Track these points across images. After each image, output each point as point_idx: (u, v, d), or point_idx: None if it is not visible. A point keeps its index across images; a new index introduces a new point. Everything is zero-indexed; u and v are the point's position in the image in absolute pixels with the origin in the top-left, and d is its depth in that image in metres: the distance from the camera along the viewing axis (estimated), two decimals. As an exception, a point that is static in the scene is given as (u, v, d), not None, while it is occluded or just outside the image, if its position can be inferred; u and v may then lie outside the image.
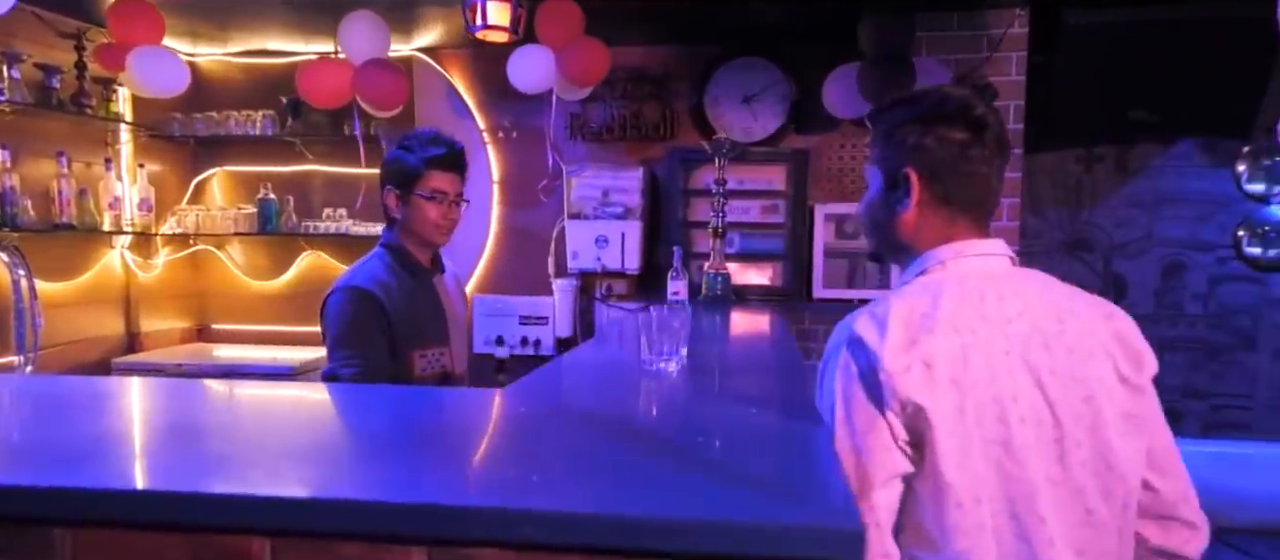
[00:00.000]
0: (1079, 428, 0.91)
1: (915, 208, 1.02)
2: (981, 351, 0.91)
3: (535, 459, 0.80)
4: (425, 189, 1.66)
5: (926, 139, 1.00)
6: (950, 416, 0.88)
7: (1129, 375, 0.93)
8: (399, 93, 2.90)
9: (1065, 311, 0.95)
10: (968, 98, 1.01)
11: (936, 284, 0.97)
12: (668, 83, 3.31)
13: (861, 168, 3.21)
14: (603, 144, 3.40)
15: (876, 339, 0.92)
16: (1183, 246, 2.97)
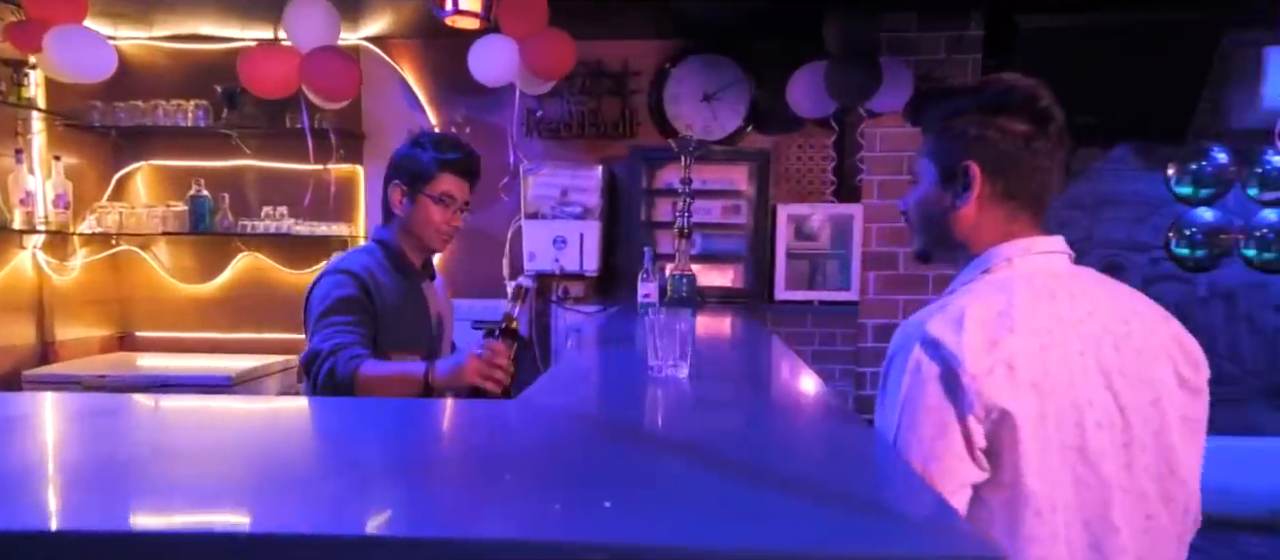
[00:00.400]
0: (1146, 431, 0.89)
1: (975, 202, 0.97)
2: (1059, 353, 0.88)
3: (592, 480, 0.73)
4: (435, 190, 1.59)
5: (989, 130, 0.95)
6: (1032, 421, 0.85)
7: (1189, 377, 0.91)
8: (350, 83, 2.75)
9: (1130, 312, 0.93)
10: (1034, 87, 0.95)
11: (1007, 282, 0.93)
12: (627, 79, 3.26)
13: (822, 168, 3.24)
14: (560, 141, 3.32)
15: (955, 339, 0.86)
16: (1120, 247, 3.11)
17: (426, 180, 1.59)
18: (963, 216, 0.98)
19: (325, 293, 1.52)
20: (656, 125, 3.28)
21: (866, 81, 2.55)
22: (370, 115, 3.40)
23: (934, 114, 1.02)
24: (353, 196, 3.44)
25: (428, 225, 1.62)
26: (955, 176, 0.98)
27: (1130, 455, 0.88)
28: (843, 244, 2.94)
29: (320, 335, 1.45)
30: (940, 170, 1.01)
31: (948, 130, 0.99)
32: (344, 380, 1.36)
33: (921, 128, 1.05)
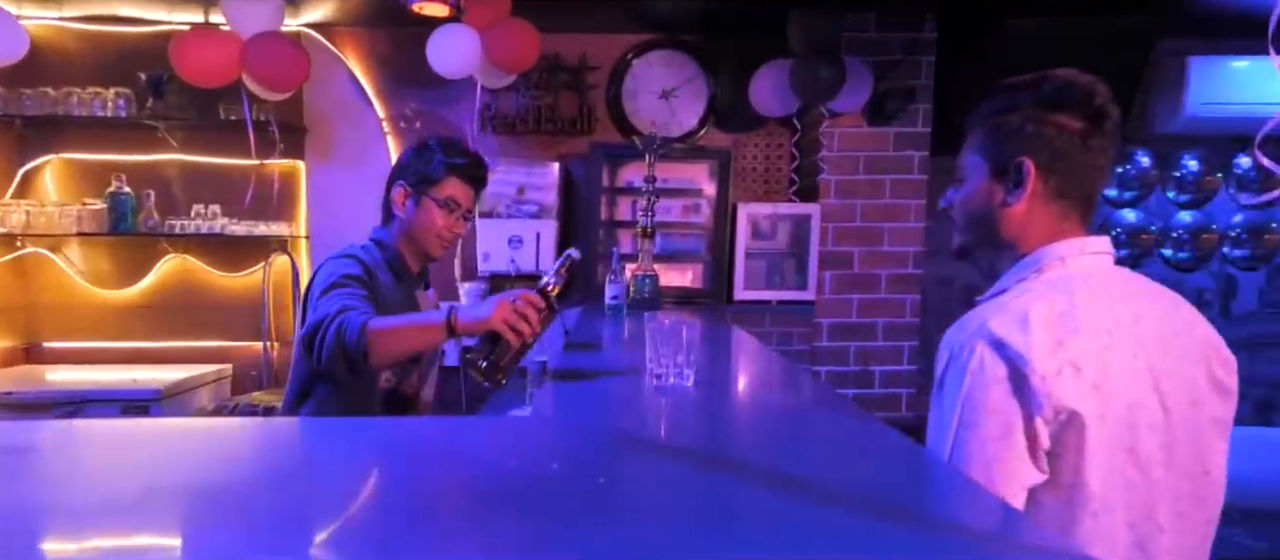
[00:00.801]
0: (1185, 432, 0.90)
1: (1027, 199, 0.96)
2: (1117, 354, 0.88)
3: (664, 508, 0.68)
4: (441, 194, 1.55)
5: (1046, 127, 0.94)
6: (1095, 422, 0.85)
7: (1222, 379, 0.93)
8: (298, 71, 2.60)
9: (1172, 313, 0.94)
10: (1092, 84, 0.94)
11: (1065, 282, 0.93)
12: (584, 73, 3.21)
13: (780, 167, 3.27)
14: (516, 137, 3.23)
15: (1022, 339, 0.85)
16: (1058, 245, 3.27)
17: (432, 183, 1.54)
18: (1013, 213, 0.97)
19: (330, 271, 1.44)
20: (614, 122, 3.24)
21: (833, 80, 2.58)
22: (312, 107, 3.22)
23: (985, 110, 1.01)
24: (294, 193, 3.26)
25: (429, 229, 1.57)
26: (1007, 172, 0.97)
27: (1171, 455, 0.89)
28: (800, 244, 2.98)
29: (324, 303, 1.34)
30: (992, 166, 0.99)
31: (1002, 126, 0.98)
32: (355, 337, 1.24)
33: (972, 124, 1.03)
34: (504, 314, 1.23)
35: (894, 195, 2.95)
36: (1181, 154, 3.22)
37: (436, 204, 1.55)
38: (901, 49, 2.87)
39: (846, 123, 2.92)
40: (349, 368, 1.26)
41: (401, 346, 1.30)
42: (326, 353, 1.27)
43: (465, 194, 1.59)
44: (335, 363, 1.26)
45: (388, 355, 1.28)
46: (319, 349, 1.28)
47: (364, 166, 3.24)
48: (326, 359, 1.27)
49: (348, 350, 1.25)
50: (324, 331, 1.28)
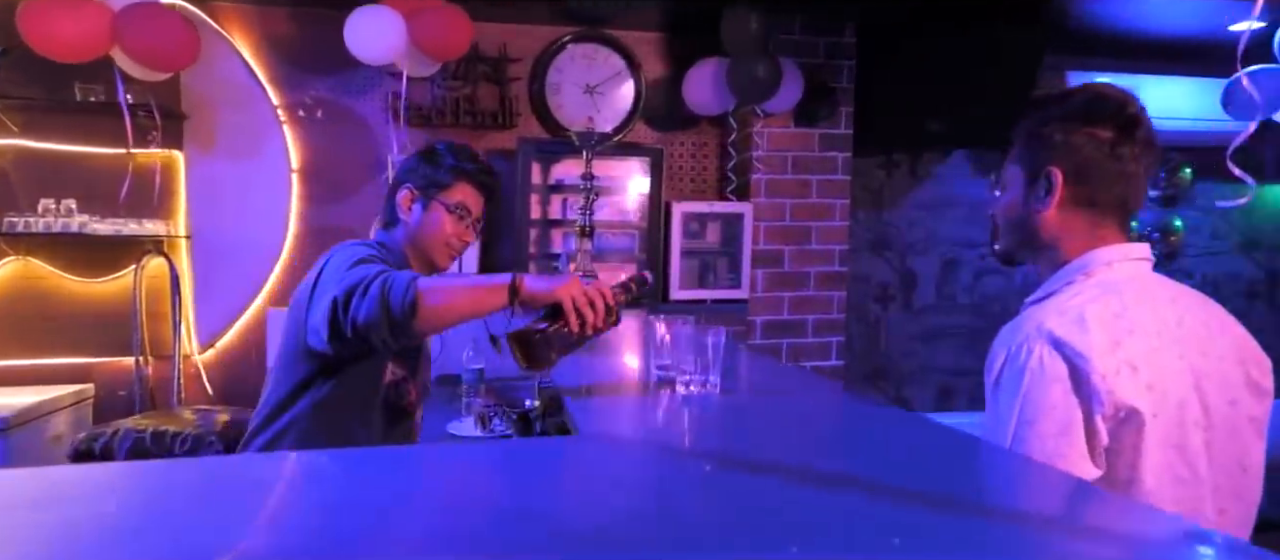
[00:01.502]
0: (1225, 430, 0.95)
1: (1057, 207, 1.00)
2: (1166, 355, 0.92)
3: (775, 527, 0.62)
4: (450, 199, 1.47)
5: (1074, 137, 0.98)
6: (1150, 420, 0.88)
7: (1259, 380, 0.98)
8: (186, 48, 2.28)
9: (1210, 316, 0.99)
10: (1121, 96, 0.99)
11: (1115, 285, 0.96)
12: (505, 65, 3.05)
13: (712, 165, 3.27)
14: (432, 130, 3.02)
15: (1081, 338, 0.88)
16: (956, 245, 3.50)
17: (442, 187, 1.46)
18: (1046, 220, 1.01)
19: (351, 252, 1.28)
20: (538, 116, 3.10)
21: (770, 79, 2.60)
22: (191, 91, 2.85)
23: (1025, 122, 1.05)
24: (172, 187, 2.86)
25: (437, 236, 1.46)
26: (1039, 180, 1.01)
27: (1212, 453, 0.94)
28: (732, 242, 2.99)
29: (355, 273, 1.17)
30: (1026, 174, 1.03)
31: (1035, 137, 1.02)
32: (402, 291, 1.10)
33: (1017, 133, 1.06)
34: (574, 291, 1.13)
35: (820, 195, 3.03)
36: (1058, 160, 3.55)
37: (446, 209, 1.46)
38: (825, 53, 2.95)
39: (774, 123, 2.96)
40: (390, 329, 1.10)
41: (454, 306, 1.15)
42: (366, 311, 1.10)
43: (476, 201, 1.51)
44: (375, 323, 1.10)
45: (437, 314, 1.13)
46: (355, 311, 1.12)
47: (257, 157, 2.91)
48: (364, 319, 1.11)
49: (392, 307, 1.10)
50: (365, 287, 1.12)
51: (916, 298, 3.47)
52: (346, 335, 1.13)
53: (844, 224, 3.06)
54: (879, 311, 3.42)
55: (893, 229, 3.43)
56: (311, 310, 1.21)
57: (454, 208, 1.46)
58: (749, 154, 2.97)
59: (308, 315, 1.23)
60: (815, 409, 1.16)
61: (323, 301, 1.16)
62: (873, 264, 3.41)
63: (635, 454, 0.83)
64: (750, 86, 2.61)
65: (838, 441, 0.96)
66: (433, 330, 1.19)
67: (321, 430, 1.34)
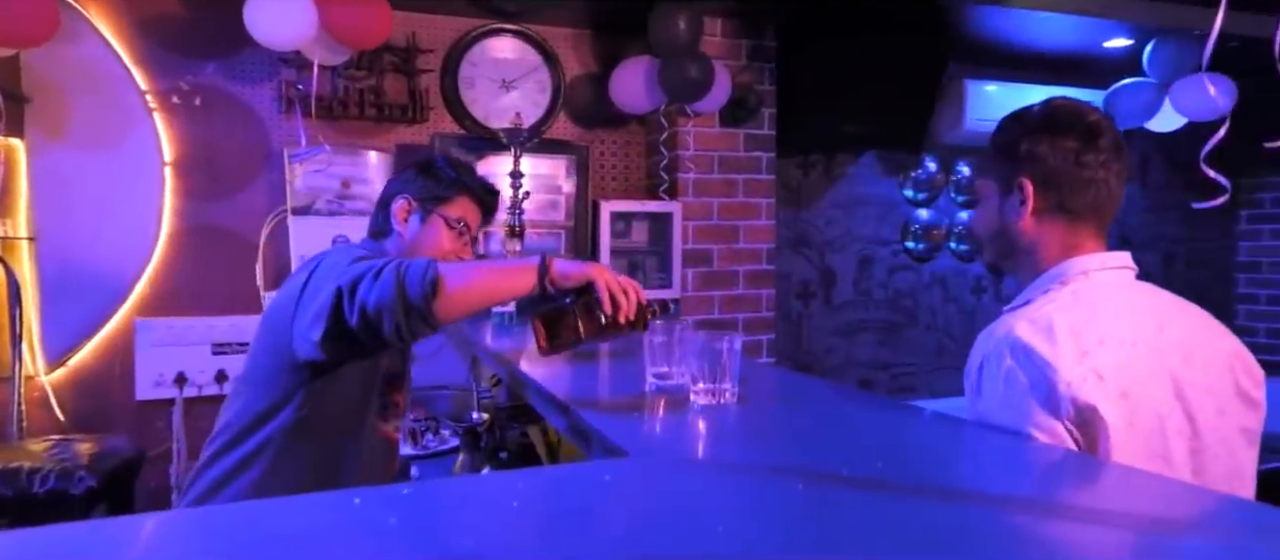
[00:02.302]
0: (1215, 440, 0.95)
1: (1031, 216, 1.02)
2: (1143, 364, 0.92)
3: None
4: (450, 213, 1.40)
5: (1039, 147, 1.01)
6: (1121, 430, 0.88)
7: (1249, 391, 0.99)
8: (43, 22, 1.92)
9: (1197, 326, 1.00)
10: (1081, 106, 1.02)
11: (1088, 294, 0.97)
12: (414, 56, 2.82)
13: (638, 164, 3.17)
14: (332, 123, 2.74)
15: (1049, 349, 0.89)
16: (870, 242, 3.58)
17: (442, 200, 1.39)
18: (1022, 229, 1.04)
19: (347, 253, 1.17)
20: (451, 111, 2.90)
21: (702, 79, 2.54)
22: (34, 71, 2.44)
23: (995, 137, 1.08)
24: (11, 182, 2.43)
25: (435, 250, 1.37)
26: (1011, 191, 1.04)
27: (1200, 462, 0.94)
28: (661, 241, 2.91)
29: (360, 266, 1.05)
30: (999, 185, 1.07)
31: (1004, 150, 1.05)
32: (420, 274, 1.00)
33: (989, 146, 1.10)
34: (607, 274, 1.07)
35: (746, 194, 3.00)
36: (957, 161, 3.72)
37: (446, 223, 1.39)
38: (747, 55, 2.94)
39: (700, 123, 2.92)
40: (406, 315, 0.99)
41: (479, 288, 1.05)
42: (379, 295, 0.99)
43: (475, 218, 1.45)
44: (389, 307, 0.99)
45: (461, 297, 1.02)
46: (363, 295, 1.00)
47: (119, 148, 2.54)
48: (376, 304, 0.99)
49: (409, 290, 0.99)
50: (377, 272, 1.01)
51: (836, 294, 3.52)
52: (351, 325, 1.00)
53: (770, 223, 3.05)
54: (801, 308, 3.44)
55: (811, 227, 3.47)
56: (300, 313, 1.08)
57: (454, 222, 1.39)
58: (677, 153, 2.90)
59: (293, 322, 1.10)
60: (851, 414, 1.09)
61: (318, 297, 1.04)
62: (794, 262, 3.43)
63: (715, 476, 0.72)
64: (682, 86, 2.54)
65: (900, 449, 0.91)
66: (453, 316, 1.05)
67: (298, 453, 1.16)
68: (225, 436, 1.17)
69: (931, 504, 0.61)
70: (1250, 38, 3.03)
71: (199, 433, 2.61)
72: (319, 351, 1.05)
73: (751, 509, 0.61)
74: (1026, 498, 0.65)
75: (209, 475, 1.15)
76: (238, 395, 1.19)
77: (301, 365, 1.11)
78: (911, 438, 0.95)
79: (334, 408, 1.18)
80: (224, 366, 2.61)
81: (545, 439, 1.58)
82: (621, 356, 1.50)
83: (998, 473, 0.78)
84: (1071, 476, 0.77)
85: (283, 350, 1.13)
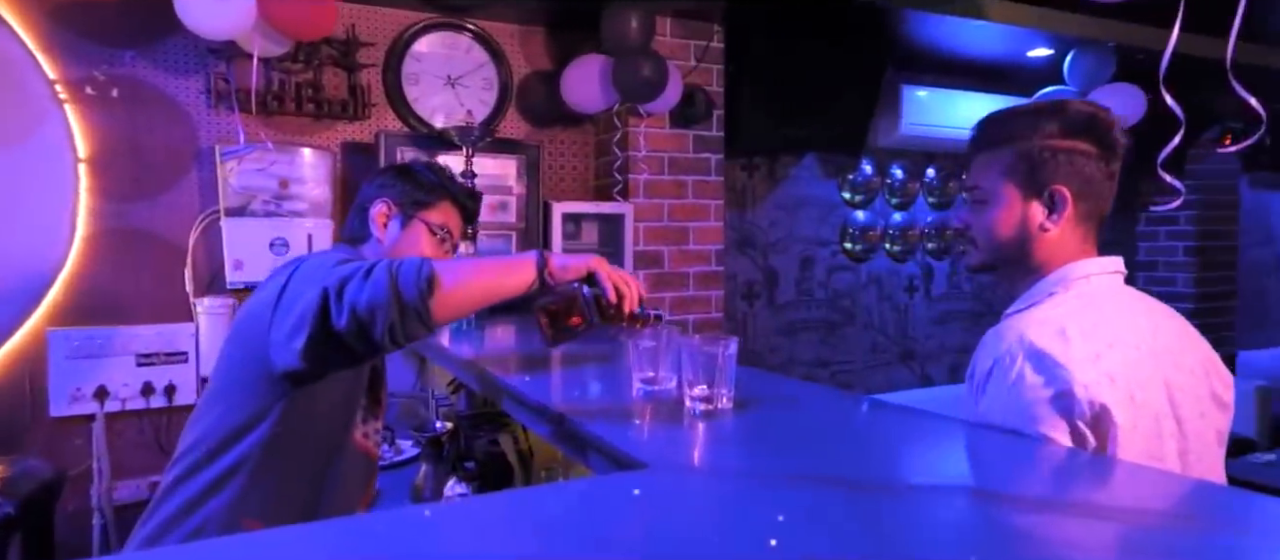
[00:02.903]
0: (1198, 442, 0.99)
1: (1062, 224, 1.01)
2: (1144, 368, 0.95)
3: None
4: (433, 218, 1.34)
5: (1077, 156, 1.00)
6: (1127, 432, 0.91)
7: (1221, 394, 1.03)
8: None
9: (1180, 330, 1.04)
10: (1109, 116, 1.02)
11: (1094, 297, 0.99)
12: (355, 49, 2.71)
13: (587, 164, 3.14)
14: (268, 118, 2.61)
15: (1063, 350, 0.90)
16: (811, 243, 3.67)
17: (423, 205, 1.33)
18: (1047, 238, 1.02)
19: (329, 256, 1.12)
20: (394, 107, 2.80)
21: (656, 79, 2.54)
22: (-70, 57, 2.22)
23: (998, 134, 1.05)
24: (-98, 180, 2.20)
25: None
26: (1043, 199, 1.02)
27: (1186, 463, 0.98)
28: (613, 243, 2.89)
29: (347, 267, 1.00)
30: (1023, 192, 1.03)
31: (1037, 152, 1.01)
32: (413, 273, 0.96)
33: (984, 147, 1.06)
34: (605, 265, 1.08)
35: (696, 196, 3.02)
36: (891, 164, 3.86)
37: (428, 228, 1.33)
38: (695, 56, 2.96)
39: (651, 124, 2.92)
40: (401, 315, 0.94)
41: (477, 286, 1.01)
42: (371, 295, 0.94)
43: (458, 223, 1.39)
44: (382, 308, 0.94)
45: (458, 296, 0.98)
46: (353, 296, 0.95)
47: (24, 143, 2.34)
48: (367, 304, 0.94)
49: (403, 289, 0.94)
50: (367, 271, 0.97)
51: (778, 294, 3.59)
52: (338, 328, 0.95)
53: (718, 224, 3.08)
54: (746, 308, 3.50)
55: (755, 228, 3.53)
56: (278, 321, 1.01)
57: (437, 227, 1.34)
58: (630, 154, 2.90)
59: (269, 330, 1.03)
60: (850, 417, 1.10)
61: (298, 303, 0.97)
62: (739, 263, 3.48)
63: (752, 486, 0.71)
64: (637, 86, 2.53)
65: (916, 453, 0.92)
66: (450, 316, 1.01)
67: (276, 473, 1.09)
68: (194, 456, 1.08)
69: (980, 506, 0.61)
70: (1157, 52, 3.26)
71: (123, 450, 2.44)
72: (301, 361, 0.99)
73: (802, 519, 0.61)
74: (1064, 500, 0.67)
75: (176, 500, 1.06)
76: (207, 411, 1.11)
77: (279, 377, 1.05)
78: (919, 440, 0.96)
79: (315, 422, 1.11)
80: (150, 379, 2.44)
81: (516, 447, 1.55)
82: (597, 362, 1.48)
83: (1031, 475, 0.79)
84: (1086, 475, 0.79)
85: (258, 361, 1.06)
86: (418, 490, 1.69)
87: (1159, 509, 0.68)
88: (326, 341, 0.96)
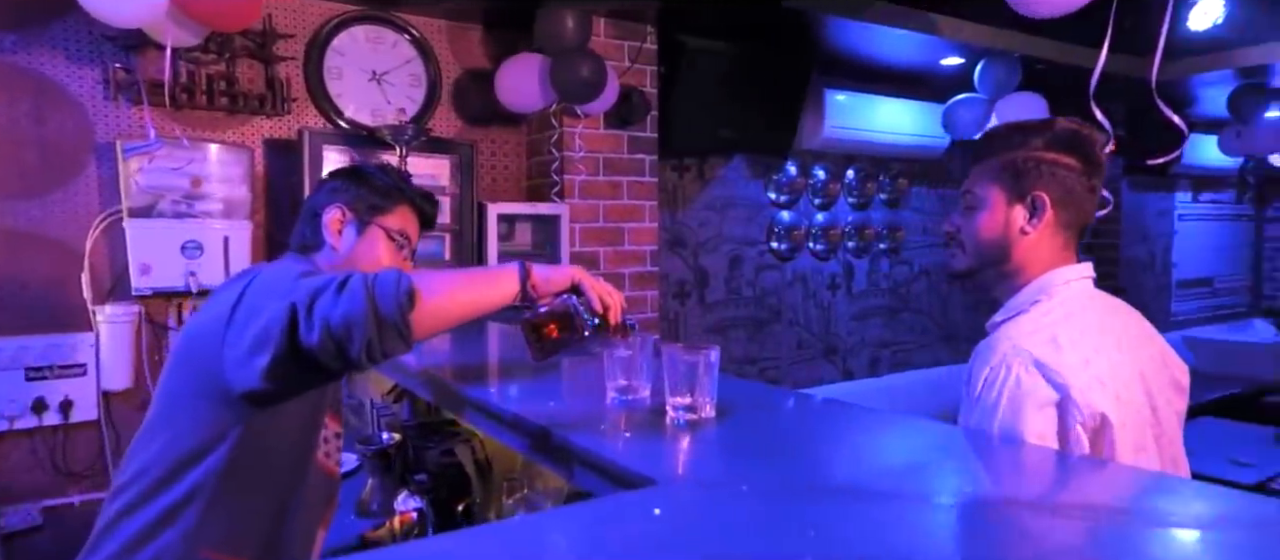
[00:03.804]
0: (1169, 426, 1.07)
1: (1041, 230, 1.07)
2: (1126, 367, 1.01)
3: None
4: (391, 223, 1.26)
5: (1059, 167, 1.06)
6: (1119, 429, 0.97)
7: (1180, 380, 1.12)
8: None
9: (1141, 324, 1.12)
10: (1093, 133, 1.09)
11: (1076, 301, 1.05)
12: (272, 42, 2.56)
13: (519, 164, 3.08)
14: (177, 112, 2.42)
15: (1057, 358, 0.95)
16: (739, 243, 3.74)
17: (380, 210, 1.25)
18: (1028, 242, 1.08)
19: (287, 268, 1.03)
20: (316, 103, 2.66)
21: (595, 78, 2.52)
22: None
23: (995, 145, 1.12)
24: None
25: (374, 266, 1.22)
26: (1026, 204, 1.08)
27: (1161, 450, 1.06)
28: (549, 244, 2.85)
29: (312, 280, 0.94)
30: (1009, 197, 1.09)
31: (1021, 163, 1.08)
32: (391, 286, 0.90)
33: (979, 156, 1.13)
34: (587, 276, 1.05)
35: (631, 196, 3.02)
36: (813, 166, 3.98)
37: (387, 234, 1.25)
38: (629, 57, 2.96)
39: (586, 124, 2.90)
40: (379, 331, 0.89)
41: (459, 300, 0.97)
42: (346, 309, 0.88)
43: (416, 228, 1.32)
44: (360, 323, 0.88)
45: (439, 310, 0.94)
46: (326, 310, 0.89)
47: (-109, 138, 2.08)
48: (342, 319, 0.88)
49: (381, 303, 0.88)
50: (340, 284, 0.90)
51: (709, 293, 3.64)
52: (309, 345, 0.88)
53: (653, 225, 3.09)
54: (678, 307, 3.53)
55: (686, 229, 3.56)
56: (234, 338, 0.94)
57: (396, 233, 1.26)
58: (565, 154, 2.86)
59: (224, 348, 0.94)
60: (832, 423, 1.10)
61: (258, 318, 0.91)
62: (671, 263, 3.51)
63: (773, 500, 0.70)
64: (575, 86, 2.50)
65: (904, 459, 0.93)
66: (430, 331, 0.96)
67: (235, 501, 1.01)
68: (140, 485, 0.98)
69: (1014, 514, 0.62)
70: (1057, 64, 3.51)
71: (12, 473, 2.22)
72: (263, 381, 0.92)
73: (834, 531, 0.61)
74: (1069, 503, 0.69)
75: (122, 534, 0.96)
76: (152, 436, 1.01)
77: (237, 398, 0.97)
78: (903, 444, 0.98)
79: (276, 445, 1.03)
80: (43, 394, 2.23)
81: (474, 457, 1.50)
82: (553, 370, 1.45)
83: (1042, 481, 0.81)
84: (1084, 477, 0.81)
85: (210, 381, 0.97)
86: (364, 505, 1.61)
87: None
88: (294, 359, 0.89)
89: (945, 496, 0.69)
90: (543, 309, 1.03)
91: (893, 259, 4.28)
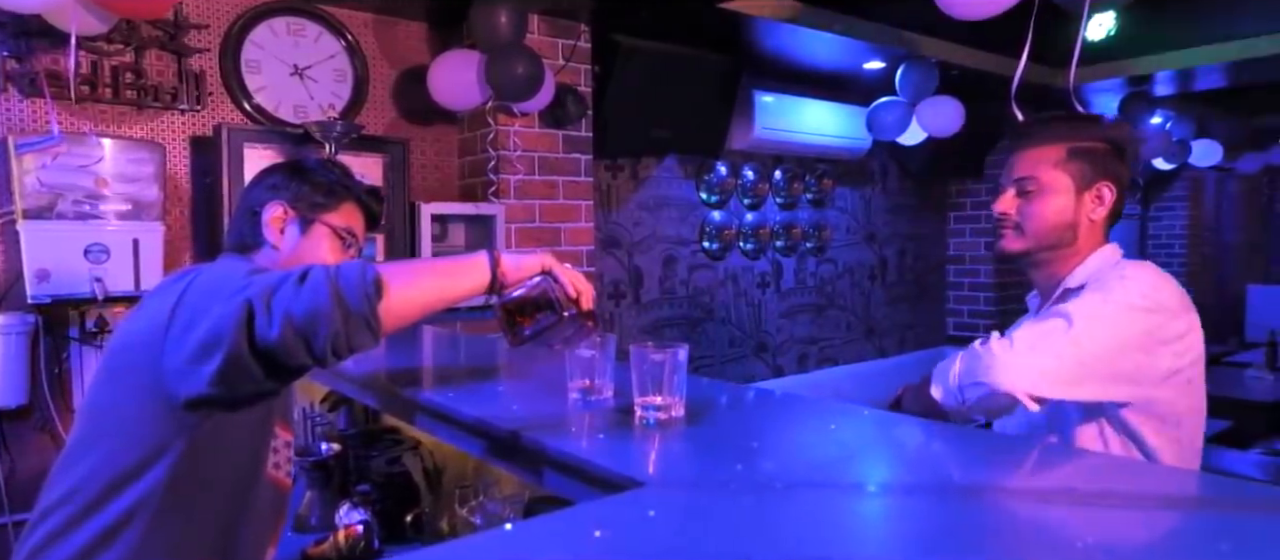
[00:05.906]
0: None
1: (1104, 216, 1.21)
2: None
3: None
4: (336, 221, 1.19)
5: (1122, 162, 1.21)
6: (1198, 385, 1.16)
7: None
8: None
9: None
10: (1140, 137, 1.26)
11: (1137, 268, 1.18)
12: (184, 33, 2.41)
13: (451, 163, 3.00)
14: (80, 107, 2.25)
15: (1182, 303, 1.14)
16: (672, 242, 3.76)
17: (323, 207, 1.18)
18: (1092, 225, 1.21)
19: (232, 266, 0.99)
20: (233, 98, 2.52)
21: (531, 76, 2.49)
22: None
23: (1059, 133, 1.22)
24: None
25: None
26: (1093, 193, 1.20)
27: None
28: (483, 244, 2.79)
29: (265, 277, 0.89)
30: (1078, 185, 1.20)
31: (1093, 153, 1.20)
32: (356, 277, 0.86)
33: (1037, 143, 1.23)
34: (556, 262, 1.03)
35: (567, 196, 3.00)
36: (743, 166, 4.06)
37: (332, 232, 1.19)
38: (563, 55, 2.94)
39: (521, 123, 2.86)
40: (345, 324, 0.84)
41: (428, 290, 0.94)
42: (308, 303, 0.83)
43: (361, 226, 1.26)
44: (324, 317, 0.83)
45: (406, 302, 0.90)
46: (287, 305, 0.83)
47: None
48: (305, 314, 0.83)
49: (348, 295, 0.84)
50: (300, 277, 0.85)
51: (643, 293, 3.65)
52: (268, 342, 0.83)
53: (589, 225, 3.08)
54: (613, 308, 3.52)
55: (620, 229, 3.57)
56: (176, 343, 0.88)
57: (341, 231, 1.20)
58: (501, 154, 2.81)
59: (164, 356, 0.88)
60: (806, 419, 1.11)
61: (203, 321, 0.85)
62: (605, 263, 3.50)
63: (765, 497, 0.69)
64: (512, 83, 2.46)
65: (877, 452, 0.95)
66: (398, 323, 0.91)
67: (180, 518, 0.94)
68: (75, 504, 0.89)
69: (1022, 505, 0.64)
70: (970, 69, 3.70)
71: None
72: (212, 387, 0.85)
73: (864, 530, 0.62)
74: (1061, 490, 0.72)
75: (53, 558, 0.88)
76: (84, 453, 0.92)
77: (181, 407, 0.90)
78: (861, 436, 1.00)
79: (223, 457, 0.96)
80: None
81: (423, 466, 1.45)
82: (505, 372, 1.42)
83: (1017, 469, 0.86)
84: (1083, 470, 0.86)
85: (149, 391, 0.90)
86: (302, 519, 1.53)
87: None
88: (251, 360, 0.83)
89: (958, 487, 0.71)
90: (518, 292, 1.01)
91: (819, 258, 4.41)
